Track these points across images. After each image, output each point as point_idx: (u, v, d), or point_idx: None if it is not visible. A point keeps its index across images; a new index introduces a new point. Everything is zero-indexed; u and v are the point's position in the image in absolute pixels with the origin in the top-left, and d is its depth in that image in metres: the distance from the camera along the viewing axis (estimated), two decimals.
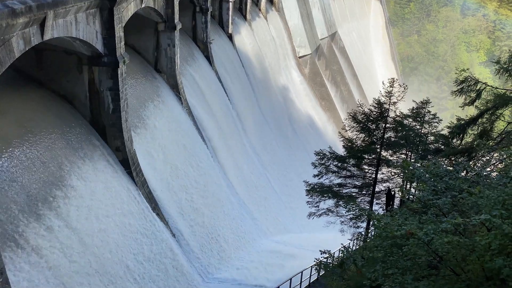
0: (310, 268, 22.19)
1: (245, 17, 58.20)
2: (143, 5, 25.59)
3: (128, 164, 23.38)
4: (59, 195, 17.80)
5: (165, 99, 31.24)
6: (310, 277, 22.85)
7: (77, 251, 17.30)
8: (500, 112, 17.67)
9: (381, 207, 25.37)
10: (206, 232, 28.78)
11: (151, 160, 26.43)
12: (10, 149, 16.92)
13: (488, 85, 18.09)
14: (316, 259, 19.77)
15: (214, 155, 36.14)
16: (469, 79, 18.09)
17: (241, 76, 52.73)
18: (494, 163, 16.68)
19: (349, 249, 19.80)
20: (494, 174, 12.91)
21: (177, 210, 26.81)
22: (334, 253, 22.80)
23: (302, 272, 21.34)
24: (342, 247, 19.44)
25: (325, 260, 19.83)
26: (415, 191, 12.66)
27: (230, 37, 51.26)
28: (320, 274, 23.67)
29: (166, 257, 23.16)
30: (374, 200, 25.35)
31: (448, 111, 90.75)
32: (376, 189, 25.37)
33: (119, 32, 21.71)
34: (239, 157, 42.22)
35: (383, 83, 23.88)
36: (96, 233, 18.77)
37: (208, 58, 43.25)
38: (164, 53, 32.71)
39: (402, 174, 20.64)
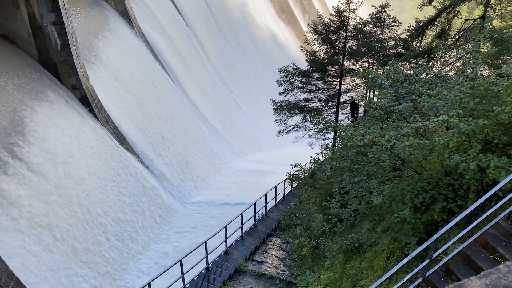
0: (284, 181, 23.05)
1: None
2: None
3: (88, 102, 22.59)
4: (21, 142, 17.22)
5: (116, 28, 29.46)
6: (284, 190, 23.83)
7: (50, 196, 17.20)
8: (457, 9, 17.60)
9: (346, 117, 25.92)
10: (179, 160, 29.00)
11: (111, 94, 25.57)
12: None
13: None
14: (288, 173, 20.54)
15: (176, 82, 35.26)
16: None
17: None
18: (453, 62, 16.98)
19: (318, 160, 20.51)
20: (452, 73, 13.18)
21: (147, 142, 26.63)
22: (305, 165, 23.70)
23: (276, 186, 22.15)
24: (312, 159, 20.11)
25: (296, 173, 20.61)
26: (377, 99, 12.86)
27: None
28: (294, 186, 24.77)
29: (143, 190, 23.44)
30: (340, 110, 25.77)
31: (408, 12, 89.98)
32: (341, 100, 25.68)
33: None
34: (203, 81, 41.38)
35: None
36: (66, 175, 18.57)
37: None
38: None
39: (364, 83, 20.82)
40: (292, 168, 18.81)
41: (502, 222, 7.58)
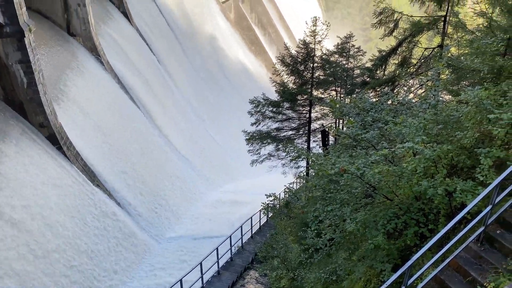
0: (259, 212, 22.91)
1: None
2: None
3: (56, 140, 22.10)
4: None
5: (85, 64, 29.27)
6: (259, 221, 23.66)
7: (13, 238, 16.46)
8: (416, 39, 18.45)
9: (318, 144, 26.30)
10: (152, 195, 28.47)
11: (80, 131, 25.11)
12: None
13: (404, 14, 18.69)
14: (263, 203, 20.44)
15: (147, 115, 35.04)
16: (386, 10, 18.54)
17: (164, 30, 50.38)
18: (415, 89, 17.65)
19: (293, 189, 20.56)
20: (416, 100, 13.66)
21: (118, 178, 26.08)
22: (279, 194, 23.71)
23: (251, 217, 21.99)
24: (286, 188, 20.11)
25: (271, 203, 20.56)
26: (345, 128, 13.16)
27: None
28: (269, 216, 24.63)
29: (115, 228, 22.78)
30: (311, 138, 26.17)
31: (373, 41, 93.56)
32: (312, 128, 26.13)
33: None
34: (175, 114, 41.31)
35: (306, 23, 23.87)
36: (33, 217, 17.86)
37: (125, 14, 40.61)
38: (75, 14, 30.20)
39: (331, 112, 21.29)
40: (267, 198, 18.79)
41: (472, 245, 7.74)
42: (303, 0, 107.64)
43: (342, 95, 24.82)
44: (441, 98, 10.59)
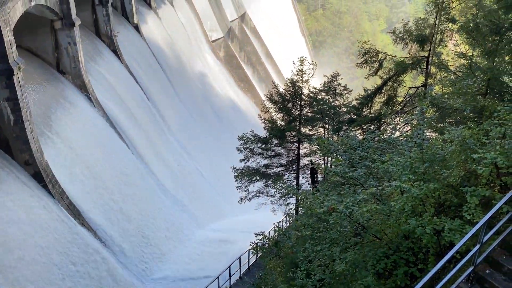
0: (248, 252, 22.49)
1: (150, 5, 56.00)
2: (32, 3, 23.45)
3: (41, 177, 21.74)
4: None
5: (74, 101, 29.28)
6: (248, 260, 23.19)
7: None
8: (401, 78, 18.96)
9: (307, 181, 26.27)
10: (138, 234, 27.86)
11: (67, 169, 24.78)
12: None
13: (388, 55, 19.29)
14: (252, 242, 20.11)
15: (136, 153, 34.85)
16: (371, 51, 19.12)
17: (154, 68, 51.02)
18: (401, 127, 17.96)
19: (282, 227, 20.32)
20: (401, 138, 13.84)
21: (104, 217, 25.55)
22: (268, 233, 23.37)
23: (240, 257, 21.56)
24: (275, 226, 19.86)
25: (260, 242, 20.24)
26: (332, 166, 13.20)
27: (136, 27, 49.14)
28: (258, 256, 24.17)
29: (99, 268, 22.10)
30: (300, 175, 26.17)
31: (359, 79, 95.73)
32: (301, 164, 26.18)
33: (8, 36, 19.73)
34: (164, 151, 41.16)
35: (293, 62, 24.43)
36: (16, 261, 17.26)
37: (116, 52, 41.16)
38: (65, 52, 30.49)
39: (319, 150, 21.44)
40: (256, 236, 18.51)
41: (463, 285, 7.64)
42: (291, 39, 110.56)
43: (329, 132, 25.09)
44: (426, 136, 10.76)
